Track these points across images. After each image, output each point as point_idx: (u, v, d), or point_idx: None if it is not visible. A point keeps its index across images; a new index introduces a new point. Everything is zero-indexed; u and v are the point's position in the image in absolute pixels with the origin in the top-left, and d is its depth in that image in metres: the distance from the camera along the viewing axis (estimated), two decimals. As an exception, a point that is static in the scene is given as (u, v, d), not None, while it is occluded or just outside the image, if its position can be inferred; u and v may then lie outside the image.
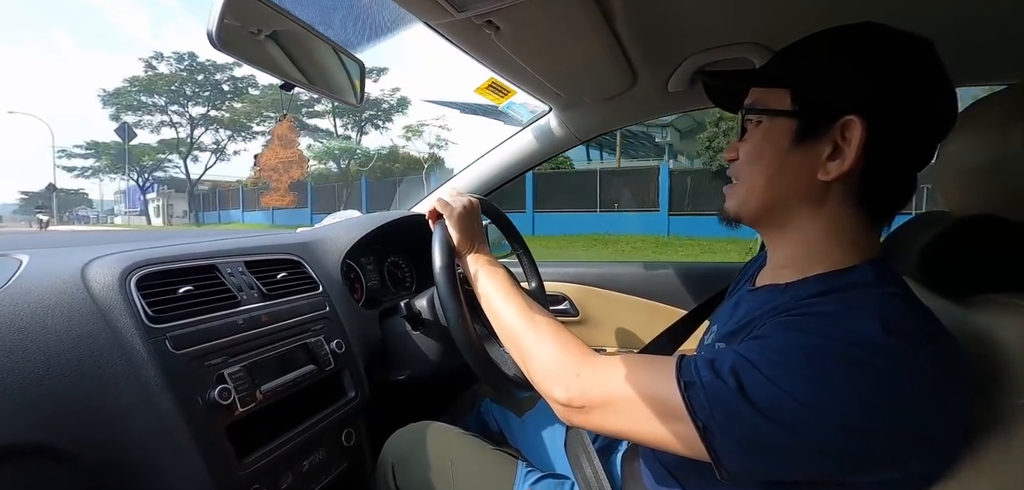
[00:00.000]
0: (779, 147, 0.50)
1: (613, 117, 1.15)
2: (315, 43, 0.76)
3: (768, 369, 0.41)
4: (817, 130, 0.47)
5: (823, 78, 0.48)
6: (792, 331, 0.43)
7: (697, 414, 0.43)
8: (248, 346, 0.70)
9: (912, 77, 0.46)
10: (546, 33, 0.76)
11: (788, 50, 0.52)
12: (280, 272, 0.83)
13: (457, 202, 0.74)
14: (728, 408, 0.42)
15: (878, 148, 0.45)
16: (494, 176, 1.27)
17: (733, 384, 0.42)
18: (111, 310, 0.61)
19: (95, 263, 0.65)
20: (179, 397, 0.59)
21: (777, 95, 0.51)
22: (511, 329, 0.63)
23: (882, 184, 0.48)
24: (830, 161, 0.47)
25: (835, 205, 0.49)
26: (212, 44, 0.53)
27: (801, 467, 0.42)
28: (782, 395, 0.40)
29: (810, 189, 0.49)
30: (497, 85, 0.99)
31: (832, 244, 0.50)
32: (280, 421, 0.72)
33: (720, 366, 0.43)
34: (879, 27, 0.47)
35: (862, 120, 0.45)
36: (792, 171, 0.49)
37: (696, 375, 0.44)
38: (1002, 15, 0.72)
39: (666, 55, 0.90)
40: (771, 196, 0.52)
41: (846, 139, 0.46)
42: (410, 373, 0.95)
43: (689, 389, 0.43)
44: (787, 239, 0.53)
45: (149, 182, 31.59)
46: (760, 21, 0.78)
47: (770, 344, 0.43)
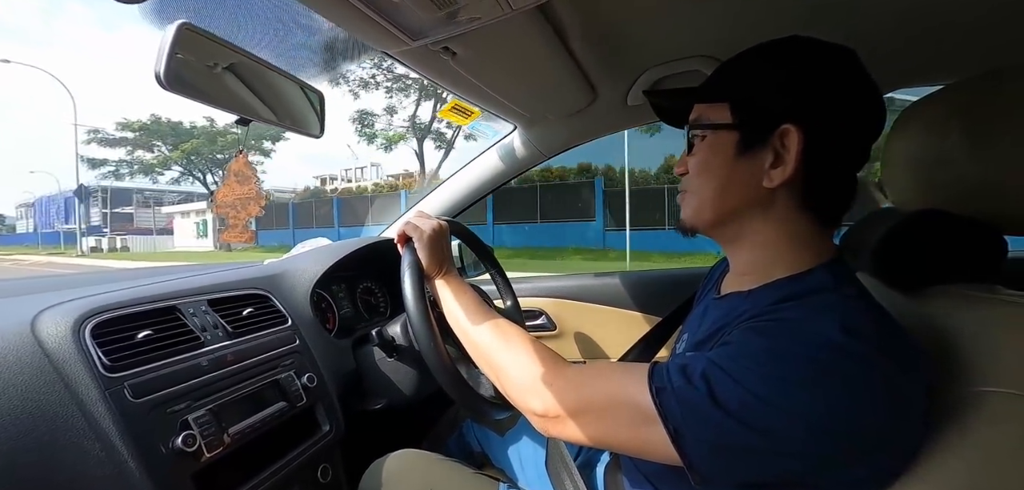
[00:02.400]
0: (725, 159, 0.52)
1: (577, 133, 1.17)
2: (273, 75, 0.75)
3: (737, 373, 0.43)
4: (757, 140, 0.50)
5: (759, 90, 0.51)
6: (759, 336, 0.45)
7: (668, 418, 0.44)
8: (214, 388, 0.68)
9: (839, 84, 0.49)
10: (503, 56, 0.77)
11: (726, 65, 0.55)
12: (246, 308, 0.81)
13: (425, 225, 0.74)
14: (699, 412, 0.43)
15: (815, 153, 0.48)
16: (463, 196, 1.27)
17: (703, 389, 0.43)
18: (65, 363, 0.58)
19: (46, 314, 0.62)
20: (140, 447, 0.57)
21: (718, 109, 0.53)
22: (483, 348, 0.64)
23: (824, 186, 0.51)
24: (773, 169, 0.50)
25: (784, 210, 0.51)
26: (160, 84, 0.52)
27: (771, 469, 0.43)
28: (751, 398, 0.41)
29: (758, 197, 0.51)
30: (461, 107, 1.00)
31: (787, 248, 0.52)
32: (252, 463, 0.70)
33: (691, 372, 0.45)
34: (806, 40, 0.51)
35: (798, 128, 0.48)
36: (739, 180, 0.52)
37: (668, 381, 0.45)
38: (938, 21, 0.76)
39: (623, 70, 0.93)
40: (722, 206, 0.54)
41: (785, 146, 0.49)
42: (387, 401, 0.94)
43: (661, 394, 0.45)
44: (743, 246, 0.56)
45: (94, 192, 28.63)
46: (709, 35, 0.82)
47: (738, 350, 0.45)
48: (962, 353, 0.46)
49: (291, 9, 16.72)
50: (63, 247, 28.46)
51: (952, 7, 0.71)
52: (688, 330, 0.64)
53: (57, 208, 32.74)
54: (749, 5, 0.72)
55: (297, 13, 18.11)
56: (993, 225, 0.55)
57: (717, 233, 0.57)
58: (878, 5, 0.71)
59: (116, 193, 32.95)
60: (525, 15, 0.65)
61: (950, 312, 0.51)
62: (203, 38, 0.60)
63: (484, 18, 0.63)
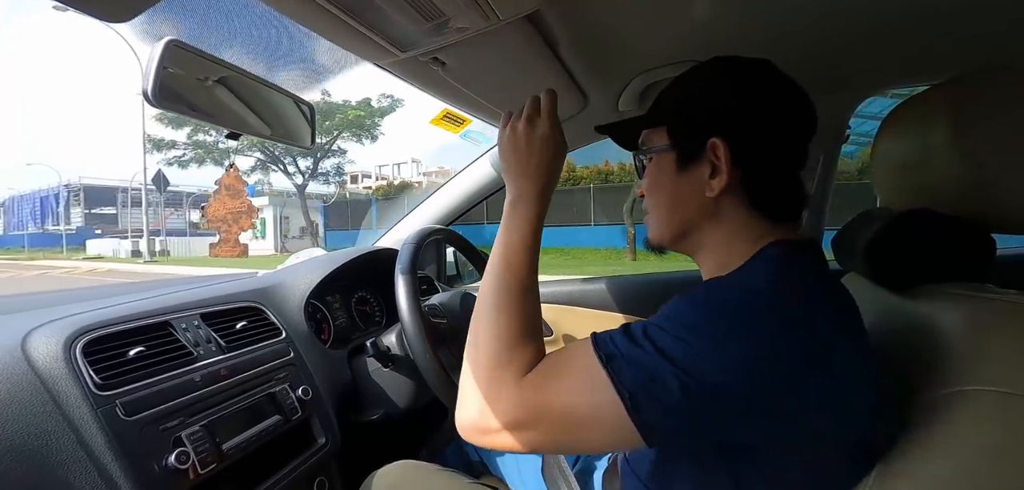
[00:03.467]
0: (669, 177, 0.56)
1: (569, 139, 1.17)
2: (262, 89, 0.75)
3: (673, 327, 0.43)
4: (692, 156, 0.54)
5: (687, 111, 0.56)
6: (692, 297, 0.46)
7: (623, 384, 0.42)
8: (207, 403, 0.68)
9: (755, 93, 0.53)
10: (492, 66, 0.77)
11: (665, 92, 0.60)
12: (239, 321, 0.81)
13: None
14: (648, 369, 0.42)
15: (746, 158, 0.52)
16: (457, 204, 1.28)
17: (648, 347, 0.43)
18: (55, 382, 0.58)
19: (36, 332, 0.62)
20: (132, 466, 0.57)
21: (658, 133, 0.58)
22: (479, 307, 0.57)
23: (765, 187, 0.53)
24: (712, 179, 0.53)
25: (732, 214, 0.54)
26: (148, 101, 0.52)
27: (721, 427, 0.43)
28: (690, 347, 0.41)
29: (705, 206, 0.54)
30: (452, 115, 1.01)
31: (741, 246, 0.54)
32: (247, 478, 0.70)
33: (634, 333, 0.45)
34: (726, 59, 0.55)
35: (722, 139, 0.51)
36: (685, 195, 0.55)
37: (614, 347, 0.44)
38: (922, 23, 0.77)
39: (613, 77, 0.93)
40: (676, 220, 0.57)
41: (718, 157, 0.52)
42: (384, 412, 0.94)
43: (611, 362, 0.43)
44: (705, 254, 0.58)
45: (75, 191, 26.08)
46: (696, 40, 0.82)
47: (673, 309, 0.46)
48: (950, 351, 0.47)
49: (279, 23, 16.59)
50: (45, 250, 25.13)
51: (935, 8, 0.72)
52: None
53: (32, 208, 29.52)
54: (733, 9, 0.73)
55: (285, 27, 17.90)
56: (980, 224, 0.55)
57: (681, 246, 0.59)
58: (860, 6, 0.72)
59: (93, 192, 29.63)
60: (513, 25, 0.66)
61: (939, 310, 0.51)
62: (191, 55, 0.60)
63: (472, 29, 0.64)
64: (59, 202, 27.54)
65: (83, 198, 29.41)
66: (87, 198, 29.55)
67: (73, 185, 29.27)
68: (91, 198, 29.78)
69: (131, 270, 14.96)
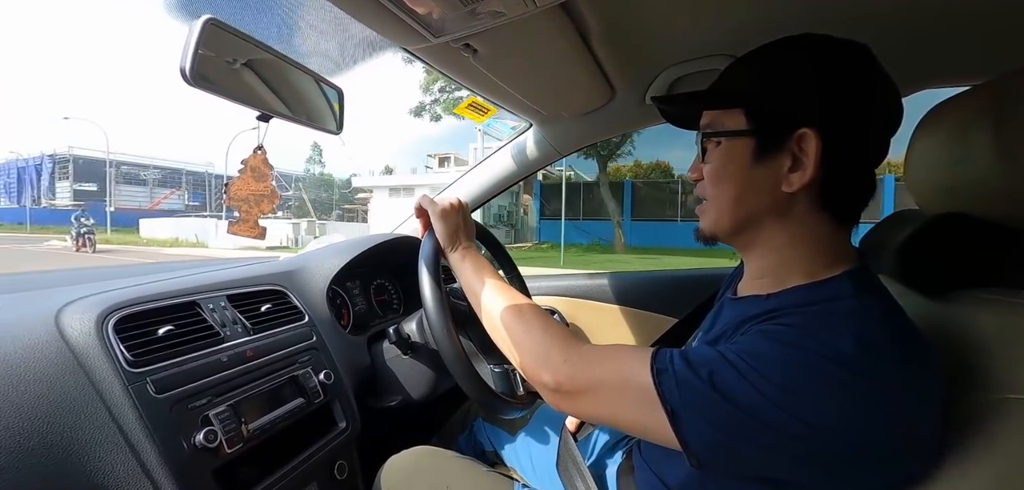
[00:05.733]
0: (741, 166, 0.51)
1: (593, 131, 1.16)
2: (292, 72, 0.75)
3: (742, 367, 0.42)
4: (774, 146, 0.49)
5: (773, 95, 0.50)
6: (769, 340, 0.44)
7: (666, 399, 0.44)
8: (234, 384, 0.68)
9: (855, 81, 0.48)
10: (523, 54, 0.76)
11: (735, 67, 0.54)
12: (264, 304, 0.81)
13: (439, 200, 0.76)
14: (697, 396, 0.43)
15: (834, 154, 0.47)
16: (478, 193, 1.27)
17: (704, 375, 0.43)
18: (88, 357, 0.58)
19: (69, 308, 0.62)
20: (163, 443, 0.57)
21: (732, 116, 0.52)
22: (498, 322, 0.64)
23: (844, 187, 0.50)
24: (791, 173, 0.48)
25: (801, 213, 0.50)
26: (185, 80, 0.52)
27: (773, 467, 0.43)
28: (754, 394, 0.41)
29: (776, 202, 0.51)
30: (477, 104, 1.00)
31: (806, 252, 0.51)
32: (269, 459, 0.70)
33: (694, 360, 0.45)
34: (819, 38, 0.49)
35: (816, 131, 0.47)
36: (757, 187, 0.51)
37: (669, 364, 0.46)
38: (964, 21, 0.75)
39: (643, 69, 0.92)
40: (740, 213, 0.53)
41: (803, 150, 0.47)
42: (401, 399, 0.94)
43: (661, 376, 0.45)
44: (760, 251, 0.55)
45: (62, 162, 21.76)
46: (730, 35, 0.81)
47: (747, 348, 0.44)
48: (987, 359, 0.45)
49: (312, 5, 16.24)
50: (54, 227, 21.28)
51: (978, 7, 0.70)
52: (702, 329, 0.64)
53: (5, 180, 26.37)
54: (772, 5, 0.71)
55: (318, 9, 17.52)
56: (1020, 229, 0.53)
57: (734, 240, 0.56)
58: (899, 8, 0.69)
59: (83, 166, 26.03)
60: (548, 12, 0.65)
61: (974, 317, 0.49)
62: (227, 33, 0.60)
63: (508, 14, 0.62)
64: (41, 174, 24.68)
65: (72, 171, 26.24)
66: (77, 172, 26.25)
67: (59, 155, 26.19)
68: (79, 173, 26.53)
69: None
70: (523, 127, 1.20)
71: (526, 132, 1.20)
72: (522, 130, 1.20)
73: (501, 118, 1.30)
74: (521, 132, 1.20)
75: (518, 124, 1.19)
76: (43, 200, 25.26)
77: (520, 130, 1.20)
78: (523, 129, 1.20)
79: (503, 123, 1.61)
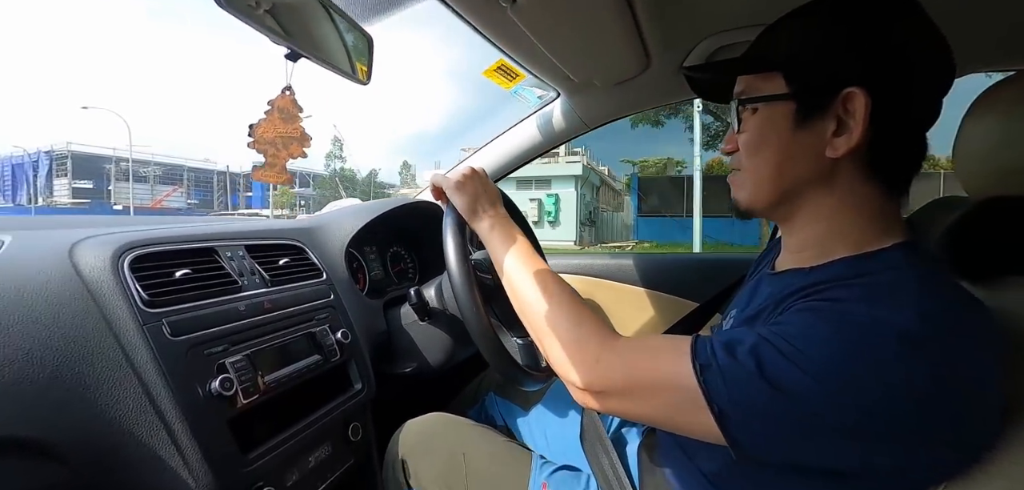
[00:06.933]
0: (781, 132, 0.48)
1: (623, 103, 1.12)
2: (320, 13, 0.72)
3: (790, 352, 0.39)
4: (818, 109, 0.45)
5: (815, 55, 0.46)
6: (817, 316, 0.41)
7: (713, 398, 0.41)
8: (250, 334, 0.66)
9: (905, 35, 0.44)
10: (563, 9, 0.72)
11: (770, 31, 0.50)
12: (282, 258, 0.79)
13: (455, 173, 0.71)
14: (745, 389, 0.40)
15: (884, 115, 0.44)
16: (501, 164, 1.24)
17: (751, 365, 0.40)
18: (102, 293, 0.56)
19: (84, 243, 0.60)
20: (178, 387, 0.55)
21: (770, 80, 0.48)
22: (526, 303, 0.60)
23: (894, 151, 0.46)
24: (836, 137, 0.45)
25: (847, 180, 0.47)
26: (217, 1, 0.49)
27: (822, 454, 0.40)
28: (802, 376, 0.38)
29: (820, 169, 0.47)
30: (506, 68, 0.96)
31: (852, 222, 0.48)
32: (284, 415, 0.68)
33: (738, 348, 0.42)
34: None
35: (864, 90, 0.43)
36: (798, 155, 0.47)
37: (712, 358, 0.42)
38: None
39: (682, 36, 0.88)
40: (782, 183, 0.49)
41: (850, 112, 0.44)
42: (417, 365, 0.92)
43: (705, 372, 0.42)
44: (801, 222, 0.51)
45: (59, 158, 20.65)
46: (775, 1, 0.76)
47: (793, 328, 0.41)
48: None
49: None
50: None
51: None
52: (736, 306, 0.60)
53: (5, 179, 25.18)
54: None
55: None
56: None
57: (774, 212, 0.53)
58: None
59: (81, 161, 25.14)
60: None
61: (1022, 304, 0.46)
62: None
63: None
64: (38, 170, 23.70)
65: (70, 168, 25.32)
66: (75, 169, 25.30)
67: (56, 151, 25.12)
68: (78, 170, 25.59)
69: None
70: (549, 97, 1.16)
71: (553, 102, 1.16)
72: (548, 100, 1.16)
73: (528, 87, 1.25)
74: (548, 103, 1.17)
75: (545, 94, 1.14)
76: (41, 198, 24.40)
77: (546, 100, 1.16)
78: (549, 99, 1.16)
79: (530, 91, 1.56)
